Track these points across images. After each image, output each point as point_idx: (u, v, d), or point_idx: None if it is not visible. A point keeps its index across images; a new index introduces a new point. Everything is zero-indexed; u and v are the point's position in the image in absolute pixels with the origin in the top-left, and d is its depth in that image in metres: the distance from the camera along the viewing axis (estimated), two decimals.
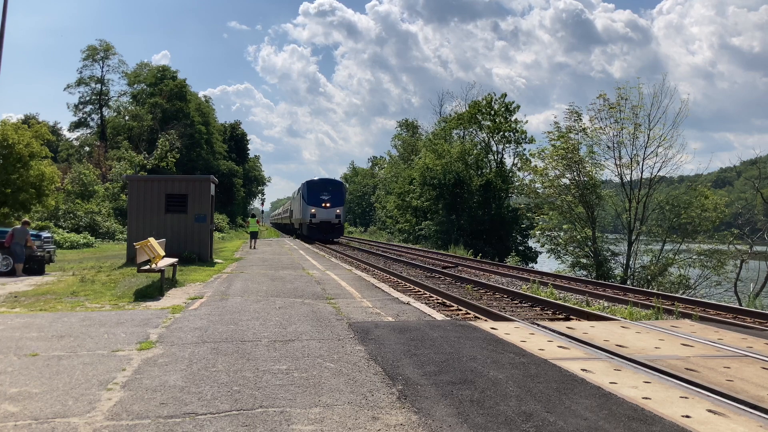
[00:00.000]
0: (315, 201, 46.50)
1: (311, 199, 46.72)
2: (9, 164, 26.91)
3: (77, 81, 69.13)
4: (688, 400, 5.04)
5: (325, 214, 46.33)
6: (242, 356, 6.41)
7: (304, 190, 48.35)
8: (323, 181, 50.03)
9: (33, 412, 4.53)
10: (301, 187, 50.35)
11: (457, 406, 4.74)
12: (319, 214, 46.16)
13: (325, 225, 46.50)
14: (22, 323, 8.36)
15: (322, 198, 46.57)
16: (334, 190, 48.22)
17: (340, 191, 48.72)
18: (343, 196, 48.60)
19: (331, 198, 46.91)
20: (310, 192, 47.31)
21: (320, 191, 47.17)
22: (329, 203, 46.52)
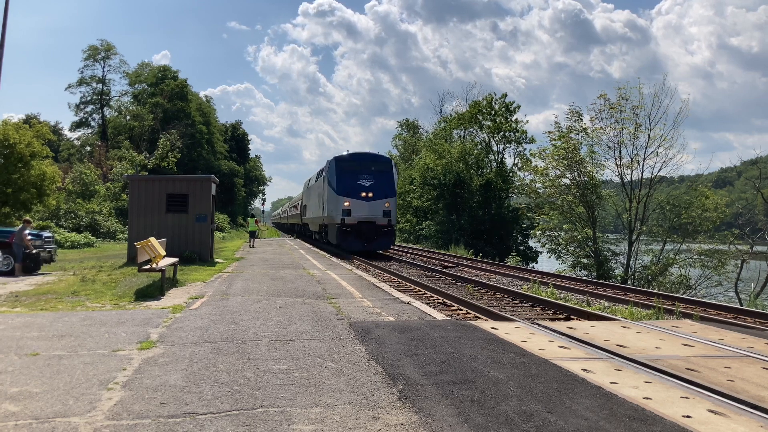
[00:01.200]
0: (350, 189, 29.72)
1: (344, 186, 29.79)
2: (10, 164, 26.92)
3: (78, 81, 69.20)
4: (689, 400, 5.03)
5: (366, 209, 29.51)
6: (243, 356, 6.41)
7: (330, 173, 31.03)
8: (362, 157, 31.98)
9: (34, 412, 4.53)
10: (326, 168, 32.72)
11: (457, 406, 4.74)
12: (356, 209, 29.51)
13: (368, 227, 29.56)
14: (23, 323, 8.37)
15: (361, 184, 29.81)
16: (379, 170, 30.75)
17: (388, 173, 30.98)
18: (393, 181, 30.94)
19: (375, 184, 29.90)
20: (342, 174, 30.16)
21: (358, 173, 30.18)
22: (372, 192, 29.69)
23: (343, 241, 29.48)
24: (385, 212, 29.74)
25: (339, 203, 29.49)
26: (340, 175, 30.13)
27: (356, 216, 29.43)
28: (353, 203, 29.48)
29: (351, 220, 29.39)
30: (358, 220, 29.33)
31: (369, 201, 29.50)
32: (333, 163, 31.03)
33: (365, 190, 29.70)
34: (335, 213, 29.81)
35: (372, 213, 29.48)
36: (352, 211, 29.42)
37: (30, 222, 17.04)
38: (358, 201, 29.45)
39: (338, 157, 31.27)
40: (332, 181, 30.39)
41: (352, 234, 29.37)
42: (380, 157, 32.97)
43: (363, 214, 29.41)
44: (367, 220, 29.42)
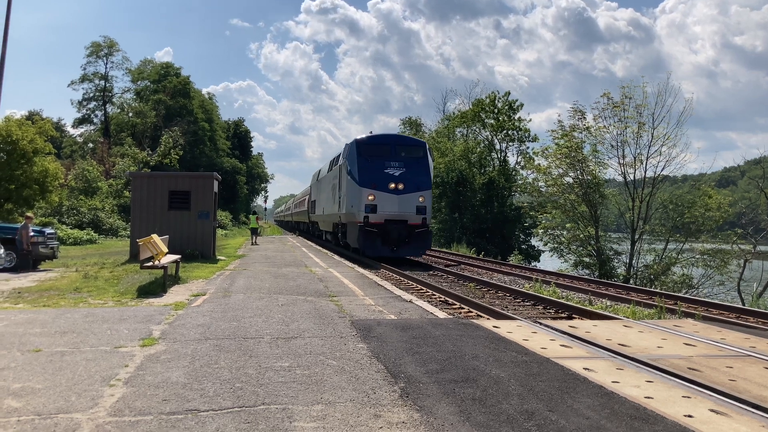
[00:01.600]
0: (375, 179, 23.80)
1: (368, 176, 23.89)
2: (13, 160, 26.95)
3: (81, 77, 69.14)
4: (691, 399, 5.03)
5: (396, 204, 23.69)
6: (245, 353, 6.42)
7: (350, 159, 24.97)
8: (389, 140, 25.93)
9: (36, 408, 4.54)
10: (344, 154, 26.51)
11: (459, 404, 4.74)
12: (383, 204, 23.68)
13: (397, 227, 23.53)
14: (25, 319, 8.38)
15: (389, 173, 24.03)
16: (411, 156, 24.89)
17: (422, 159, 24.98)
18: (428, 169, 24.99)
19: (406, 173, 24.17)
20: (365, 161, 24.25)
21: (385, 160, 24.37)
22: (403, 183, 23.95)
23: (366, 244, 23.17)
24: (419, 208, 23.62)
25: (361, 197, 23.45)
26: (363, 162, 23.99)
27: (383, 213, 23.36)
28: (379, 197, 23.43)
29: (376, 218, 23.36)
30: (385, 219, 23.21)
31: (399, 194, 23.53)
32: (353, 147, 24.67)
33: (394, 180, 23.60)
34: (356, 209, 23.63)
35: (403, 209, 23.47)
36: (378, 206, 23.34)
37: (31, 218, 17.08)
38: (386, 194, 23.43)
39: (360, 140, 24.86)
40: (352, 170, 24.30)
41: (377, 236, 23.26)
42: (412, 140, 27.31)
43: (391, 211, 23.33)
44: (397, 218, 23.35)
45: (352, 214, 24.08)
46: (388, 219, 23.22)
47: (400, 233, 23.26)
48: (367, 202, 23.26)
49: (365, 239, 23.11)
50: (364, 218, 23.22)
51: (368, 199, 23.25)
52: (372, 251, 23.16)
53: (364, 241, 23.13)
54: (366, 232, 23.07)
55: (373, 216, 23.27)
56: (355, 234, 23.76)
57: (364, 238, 23.09)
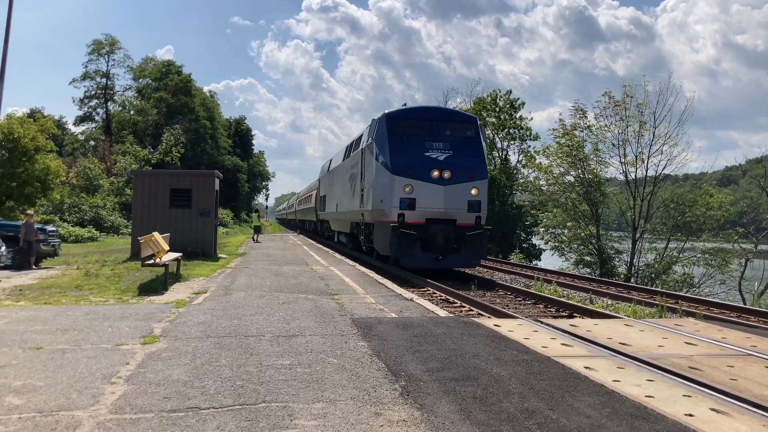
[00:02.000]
0: (412, 164, 18.39)
1: (403, 160, 18.46)
2: (14, 158, 26.98)
3: (82, 75, 69.12)
4: (692, 398, 5.03)
5: (441, 198, 18.34)
6: (246, 351, 6.42)
7: (379, 139, 19.33)
8: (430, 114, 20.21)
9: (37, 405, 4.55)
10: (369, 132, 21.01)
11: (459, 402, 4.74)
12: (424, 197, 18.31)
13: (443, 229, 18.19)
14: (26, 316, 8.39)
15: (430, 157, 18.56)
16: (459, 136, 19.48)
17: (474, 140, 19.54)
18: (482, 152, 19.57)
19: (453, 157, 18.74)
20: (400, 141, 18.81)
21: (425, 139, 18.92)
22: (450, 170, 18.52)
23: (401, 251, 17.60)
24: (472, 203, 17.99)
25: (394, 188, 17.75)
26: (396, 143, 18.28)
27: (424, 209, 17.72)
28: (419, 189, 17.75)
29: (414, 217, 17.73)
30: (427, 217, 17.64)
31: (445, 184, 17.82)
32: (382, 123, 18.95)
33: (438, 166, 17.90)
34: (387, 204, 17.87)
35: (450, 204, 17.81)
36: (417, 201, 17.71)
37: (31, 215, 17.13)
38: (427, 185, 17.76)
39: (391, 115, 19.21)
40: (382, 153, 18.52)
41: (416, 240, 17.55)
42: (460, 114, 20.83)
43: (435, 207, 17.75)
44: (442, 216, 17.76)
45: (382, 212, 18.30)
46: (430, 218, 17.73)
47: (446, 237, 17.68)
48: (403, 195, 17.80)
49: (400, 245, 17.50)
50: (398, 216, 17.63)
51: (404, 191, 17.77)
52: (409, 260, 17.71)
53: (398, 247, 17.50)
54: (401, 234, 17.42)
55: (410, 214, 17.72)
56: (385, 237, 17.98)
57: (399, 243, 17.45)
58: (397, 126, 18.82)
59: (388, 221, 17.86)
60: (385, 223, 18.13)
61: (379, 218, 18.75)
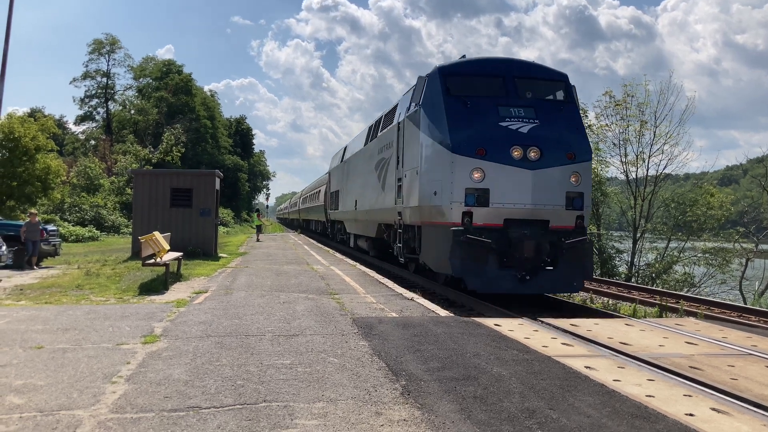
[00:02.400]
0: (481, 137, 11.90)
1: (467, 131, 11.96)
2: (15, 157, 26.99)
3: (83, 75, 69.14)
4: (692, 398, 5.03)
5: (526, 187, 11.85)
6: (246, 350, 6.42)
7: (429, 103, 13.01)
8: (503, 67, 13.27)
9: (38, 405, 4.55)
10: (415, 96, 14.16)
11: (460, 402, 4.74)
12: (501, 187, 11.86)
13: (532, 234, 11.81)
14: (27, 316, 8.40)
15: (508, 126, 11.97)
16: (544, 99, 13.30)
17: (569, 105, 13.06)
18: (579, 120, 13.09)
19: (541, 128, 12.14)
20: (461, 105, 12.32)
21: (498, 101, 12.42)
22: (539, 146, 11.92)
23: (468, 267, 11.75)
24: (573, 197, 12.40)
25: (456, 173, 12.05)
26: (458, 108, 12.51)
27: (501, 204, 12.09)
28: (493, 174, 12.05)
29: (488, 216, 12.09)
30: (507, 217, 12.09)
31: (533, 168, 12.09)
32: (435, 81, 13.23)
33: (521, 141, 12.16)
34: (445, 198, 12.23)
35: (540, 198, 12.16)
36: (493, 192, 12.07)
37: (35, 214, 17.12)
38: (506, 169, 12.09)
39: (448, 68, 13.51)
40: (435, 123, 12.78)
41: (489, 251, 11.83)
42: (543, 70, 14.16)
43: (519, 201, 12.11)
44: (529, 215, 12.17)
45: (435, 209, 12.47)
46: (511, 218, 11.92)
47: (537, 247, 11.90)
48: (470, 183, 11.86)
49: (466, 258, 11.60)
50: (462, 216, 11.84)
51: (472, 177, 11.87)
52: (480, 282, 11.72)
53: (463, 262, 11.60)
54: (468, 244, 11.52)
55: (480, 212, 11.87)
56: (442, 247, 12.05)
57: (465, 255, 11.56)
58: (457, 84, 12.75)
59: (446, 223, 11.77)
60: (441, 227, 11.97)
61: (430, 219, 12.62)
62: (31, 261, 16.41)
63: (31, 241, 16.32)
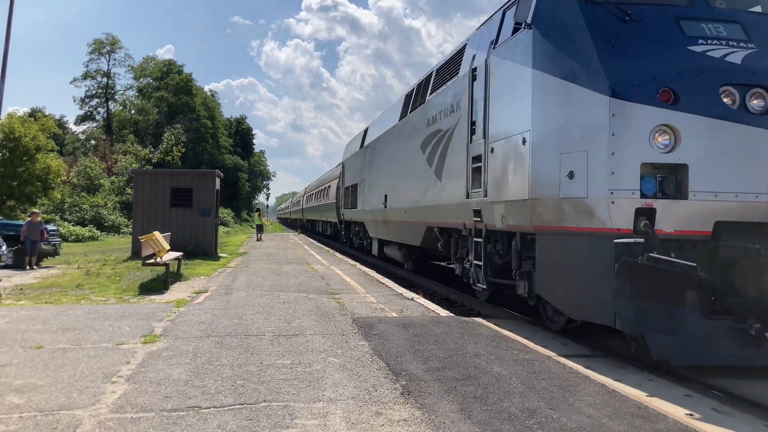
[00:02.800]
0: (663, 70, 6.31)
1: (636, 63, 6.46)
2: (15, 157, 27.00)
3: (83, 74, 69.07)
4: (692, 398, 5.03)
5: (758, 160, 5.97)
6: (246, 350, 6.42)
7: (545, 15, 7.54)
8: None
9: (38, 404, 4.55)
10: (521, 9, 7.94)
11: (460, 401, 4.74)
12: (707, 161, 6.04)
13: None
14: (27, 315, 8.40)
15: (705, 53, 6.37)
16: (749, 12, 7.10)
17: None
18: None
19: (763, 53, 6.32)
20: (611, 17, 6.82)
21: (680, 10, 6.85)
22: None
23: (652, 315, 5.94)
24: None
25: (620, 135, 6.29)
26: (608, 24, 6.94)
27: (711, 195, 6.12)
28: (690, 133, 6.16)
29: (685, 218, 6.21)
30: (720, 219, 6.19)
31: (764, 124, 6.08)
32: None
33: (731, 76, 6.33)
34: (596, 183, 6.49)
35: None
36: (694, 171, 6.17)
37: (37, 214, 17.09)
38: (715, 126, 6.12)
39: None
40: (567, 49, 7.22)
41: (691, 282, 5.89)
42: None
43: (744, 188, 6.08)
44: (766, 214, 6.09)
45: (572, 204, 6.93)
46: (729, 220, 6.24)
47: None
48: (651, 154, 6.28)
49: (648, 299, 6.05)
50: (636, 218, 6.26)
51: (654, 143, 6.28)
52: (680, 346, 5.95)
53: (642, 309, 6.08)
54: (653, 272, 5.95)
55: (671, 209, 6.28)
56: (597, 277, 6.55)
57: (646, 293, 6.00)
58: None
59: (599, 230, 6.58)
60: (587, 237, 6.80)
61: (558, 221, 7.32)
62: (31, 261, 16.35)
63: (31, 241, 16.25)
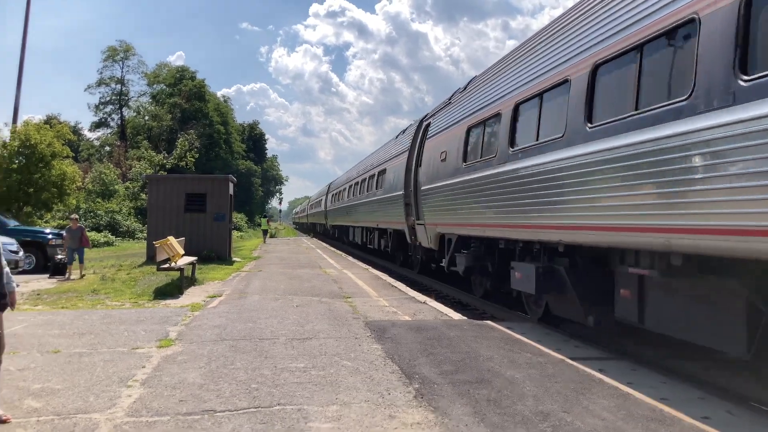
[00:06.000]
0: None
1: None
2: (31, 164, 27.24)
3: (98, 81, 69.67)
4: (707, 400, 4.99)
5: None
6: (260, 354, 6.45)
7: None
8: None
9: (55, 408, 4.60)
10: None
11: (473, 405, 4.74)
12: None
13: None
14: (44, 320, 8.49)
15: None
16: None
17: None
18: None
19: None
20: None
21: None
22: None
23: None
24: None
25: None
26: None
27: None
28: None
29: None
30: None
31: None
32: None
33: None
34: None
35: None
36: None
37: (77, 220, 16.44)
38: None
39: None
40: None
41: None
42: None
43: None
44: None
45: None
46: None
47: None
48: None
49: None
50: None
51: None
52: None
53: None
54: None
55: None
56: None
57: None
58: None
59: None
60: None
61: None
62: (70, 270, 15.48)
63: (72, 249, 15.51)
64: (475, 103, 11.70)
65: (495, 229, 9.82)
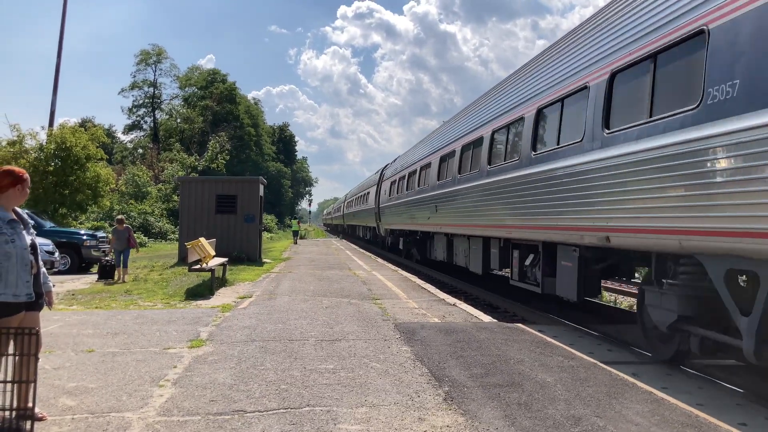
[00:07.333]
0: None
1: None
2: (67, 166, 27.75)
3: (131, 85, 71.00)
4: (744, 407, 4.87)
5: None
6: (290, 355, 6.48)
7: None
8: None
9: (89, 407, 4.67)
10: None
11: (504, 408, 4.69)
12: None
13: None
14: (78, 320, 8.64)
15: None
16: None
17: None
18: None
19: None
20: None
21: None
22: None
23: None
24: None
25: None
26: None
27: None
28: None
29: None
30: None
31: None
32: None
33: None
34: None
35: None
36: None
37: (123, 221, 16.24)
38: None
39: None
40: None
41: None
42: None
43: None
44: None
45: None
46: None
47: None
48: None
49: None
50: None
51: None
52: None
53: None
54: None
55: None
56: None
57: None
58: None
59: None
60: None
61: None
62: (122, 273, 14.87)
63: (119, 251, 15.11)
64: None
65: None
